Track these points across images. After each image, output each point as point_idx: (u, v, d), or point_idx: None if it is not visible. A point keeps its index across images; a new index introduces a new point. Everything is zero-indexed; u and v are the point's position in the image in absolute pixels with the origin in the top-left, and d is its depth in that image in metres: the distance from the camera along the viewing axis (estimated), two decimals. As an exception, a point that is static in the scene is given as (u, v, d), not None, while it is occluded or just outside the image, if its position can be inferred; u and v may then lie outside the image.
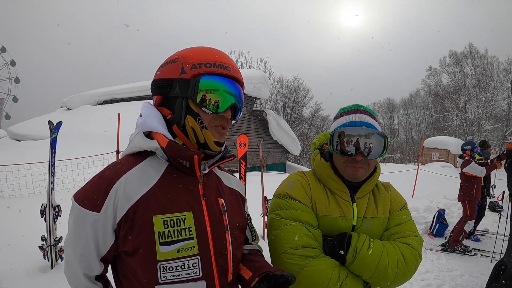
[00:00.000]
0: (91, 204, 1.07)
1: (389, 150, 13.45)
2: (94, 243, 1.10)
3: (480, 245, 6.84)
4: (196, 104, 1.16)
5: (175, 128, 1.19)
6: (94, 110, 19.12)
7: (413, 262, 1.41)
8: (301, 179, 1.55)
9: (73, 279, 1.18)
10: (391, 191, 1.65)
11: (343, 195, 1.50)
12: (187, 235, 1.10)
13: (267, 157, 21.08)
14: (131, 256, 1.09)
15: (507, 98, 40.16)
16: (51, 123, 4.40)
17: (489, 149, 7.77)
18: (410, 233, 1.50)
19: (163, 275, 1.07)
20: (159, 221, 1.08)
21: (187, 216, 1.12)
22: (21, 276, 3.88)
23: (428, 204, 9.41)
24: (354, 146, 1.43)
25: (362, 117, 1.50)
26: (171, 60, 1.22)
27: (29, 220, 5.04)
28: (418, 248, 1.46)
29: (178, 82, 1.16)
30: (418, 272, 5.25)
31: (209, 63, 1.17)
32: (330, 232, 1.45)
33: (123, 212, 1.07)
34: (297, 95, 42.82)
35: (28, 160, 7.44)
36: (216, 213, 1.19)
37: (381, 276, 1.35)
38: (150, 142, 1.15)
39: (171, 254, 1.08)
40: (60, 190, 6.43)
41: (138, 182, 1.11)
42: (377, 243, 1.40)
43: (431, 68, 47.54)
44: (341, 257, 1.37)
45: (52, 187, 4.25)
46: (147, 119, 1.19)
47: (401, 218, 1.55)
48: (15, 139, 17.08)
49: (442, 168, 20.17)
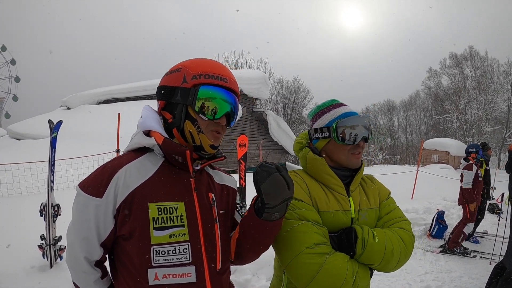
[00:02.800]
0: (94, 191, 1.19)
1: (388, 151, 13.39)
2: (96, 227, 1.20)
3: (479, 247, 6.84)
4: (194, 111, 1.27)
5: (175, 131, 1.32)
6: (94, 110, 19.12)
7: (411, 243, 1.54)
8: (296, 178, 1.57)
9: (74, 264, 1.26)
10: (376, 182, 1.76)
11: (339, 190, 1.56)
12: (179, 222, 1.22)
13: (267, 158, 21.10)
14: (127, 240, 1.20)
15: (507, 100, 40.30)
16: (51, 122, 4.40)
17: (489, 151, 7.78)
18: (400, 218, 1.62)
19: (156, 258, 1.18)
20: (154, 207, 1.20)
21: (179, 205, 1.24)
22: (20, 275, 3.88)
23: (428, 205, 9.40)
24: (357, 134, 1.54)
25: (348, 108, 1.62)
26: (175, 69, 1.34)
27: (29, 219, 5.04)
28: (410, 230, 1.60)
29: (180, 90, 1.28)
30: (417, 274, 5.27)
31: (208, 74, 1.29)
32: (333, 227, 1.49)
33: (122, 198, 1.19)
34: (297, 96, 42.89)
35: (27, 159, 7.45)
36: (206, 205, 1.30)
37: (389, 261, 1.44)
38: (148, 139, 1.28)
39: (164, 238, 1.19)
40: (59, 189, 6.42)
41: (136, 173, 1.23)
42: (379, 231, 1.48)
43: (431, 69, 47.73)
44: (351, 250, 1.42)
45: (51, 186, 4.25)
46: (146, 119, 1.33)
47: (390, 206, 1.67)
48: (15, 138, 17.11)
49: (441, 170, 20.17)
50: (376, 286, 4.76)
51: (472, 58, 43.00)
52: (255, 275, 4.55)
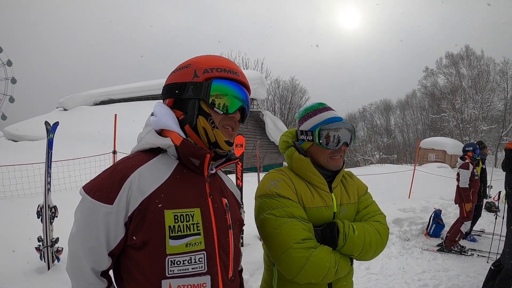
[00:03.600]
0: (104, 196, 1.08)
1: (385, 150, 13.45)
2: (105, 236, 1.10)
3: (477, 245, 6.86)
4: (208, 105, 1.22)
5: (187, 128, 1.24)
6: (90, 111, 19.09)
7: (386, 235, 1.70)
8: (283, 177, 1.68)
9: (78, 275, 1.16)
10: (355, 178, 1.89)
11: (323, 187, 1.68)
12: (195, 231, 1.14)
13: (263, 158, 21.10)
14: (139, 250, 1.11)
15: (503, 99, 40.38)
16: (48, 124, 4.39)
17: (485, 149, 7.81)
18: (376, 212, 1.77)
19: (171, 269, 1.09)
20: (170, 215, 1.11)
21: (195, 212, 1.16)
22: (17, 277, 3.87)
23: (425, 204, 9.44)
24: (338, 139, 1.65)
25: (333, 113, 1.71)
26: (183, 66, 1.29)
27: (26, 221, 5.03)
28: (385, 223, 1.76)
29: (191, 85, 1.22)
30: (414, 272, 5.29)
31: (220, 68, 1.24)
32: (317, 221, 1.62)
33: (136, 205, 1.09)
34: (294, 96, 42.87)
35: (24, 161, 7.42)
36: (220, 211, 1.25)
37: (367, 251, 1.59)
38: (163, 139, 1.19)
39: (180, 248, 1.11)
40: (56, 190, 6.42)
41: (150, 176, 1.14)
42: (358, 225, 1.62)
43: (427, 69, 47.77)
44: (333, 243, 1.56)
45: (48, 188, 4.24)
46: (162, 117, 1.23)
47: (367, 201, 1.82)
48: (12, 140, 17.05)
49: (438, 169, 20.25)
50: (374, 285, 4.78)
51: (468, 57, 43.12)
52: (253, 275, 4.56)
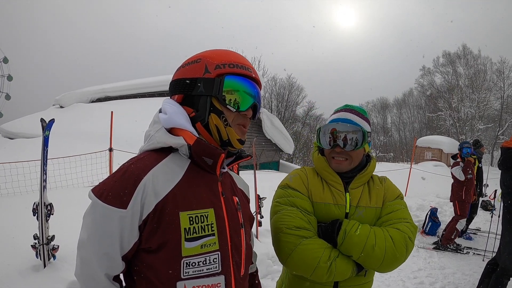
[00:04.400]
0: (117, 201, 1.04)
1: (382, 148, 13.45)
2: (119, 241, 1.07)
3: (472, 244, 6.90)
4: (220, 102, 1.18)
5: (199, 125, 1.20)
6: (87, 108, 19.02)
7: (403, 245, 1.48)
8: (301, 173, 1.74)
9: (90, 281, 1.12)
10: (386, 183, 1.76)
11: (336, 185, 1.65)
12: (210, 231, 1.13)
13: (260, 156, 21.09)
14: (154, 253, 1.09)
15: (500, 99, 40.57)
16: (43, 121, 4.36)
17: (481, 148, 7.85)
18: (401, 220, 1.58)
19: (186, 270, 1.08)
20: (185, 217, 1.09)
21: (209, 212, 1.15)
22: (13, 275, 3.84)
23: (421, 202, 9.49)
24: (329, 138, 1.65)
25: (345, 114, 1.68)
26: (193, 60, 1.24)
27: (21, 218, 4.99)
28: (409, 232, 1.53)
29: (203, 81, 1.18)
30: (410, 270, 5.31)
31: (233, 63, 1.20)
32: (325, 219, 1.59)
33: (151, 208, 1.06)
34: (290, 94, 42.93)
35: (20, 158, 7.38)
36: (232, 210, 1.24)
37: (369, 256, 1.44)
38: (176, 138, 1.15)
39: (195, 250, 1.09)
40: (52, 188, 6.39)
41: (164, 178, 1.11)
42: (365, 226, 1.52)
43: (424, 67, 47.94)
44: (334, 241, 1.50)
45: (44, 185, 4.21)
46: (174, 115, 1.18)
47: (393, 207, 1.64)
48: (8, 137, 16.97)
49: (434, 167, 20.31)
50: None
51: (465, 56, 43.27)
52: (250, 273, 4.56)
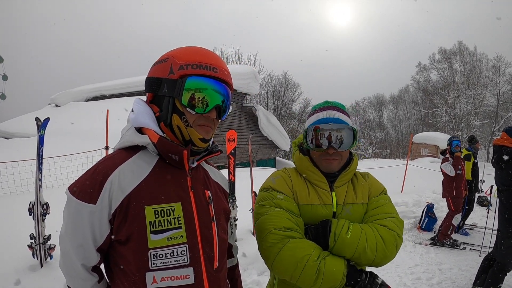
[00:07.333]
0: (87, 197, 1.12)
1: (378, 145, 13.45)
2: (91, 234, 1.15)
3: (469, 239, 6.94)
4: (181, 104, 1.21)
5: (162, 125, 1.25)
6: (82, 107, 18.95)
7: (393, 244, 1.50)
8: (283, 174, 1.68)
9: (71, 271, 1.22)
10: (369, 179, 1.77)
11: (321, 185, 1.62)
12: (176, 225, 1.17)
13: (256, 153, 21.11)
14: (124, 245, 1.15)
15: (496, 95, 40.72)
16: (38, 120, 4.34)
17: (477, 144, 7.88)
18: (387, 215, 1.60)
19: (154, 262, 1.14)
20: (150, 211, 1.14)
21: (176, 206, 1.19)
22: (10, 274, 3.83)
23: (417, 198, 9.51)
24: (326, 140, 1.58)
25: (332, 113, 1.64)
26: (162, 59, 1.27)
27: (18, 218, 4.98)
28: (396, 229, 1.54)
29: (166, 82, 1.21)
30: (407, 266, 5.34)
31: (196, 64, 1.21)
32: (312, 220, 1.56)
33: (118, 203, 1.13)
34: (286, 91, 42.83)
35: (16, 158, 7.34)
36: (203, 204, 1.26)
37: (361, 257, 1.45)
38: (141, 137, 1.21)
39: (161, 242, 1.15)
40: (48, 187, 6.37)
41: (131, 174, 1.17)
42: (355, 226, 1.49)
43: (420, 64, 48.03)
44: (325, 243, 1.47)
45: (40, 185, 4.20)
46: (139, 115, 1.25)
47: (379, 202, 1.65)
48: (3, 137, 16.85)
49: (431, 163, 20.33)
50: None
51: (461, 53, 43.35)
52: (246, 270, 4.57)
